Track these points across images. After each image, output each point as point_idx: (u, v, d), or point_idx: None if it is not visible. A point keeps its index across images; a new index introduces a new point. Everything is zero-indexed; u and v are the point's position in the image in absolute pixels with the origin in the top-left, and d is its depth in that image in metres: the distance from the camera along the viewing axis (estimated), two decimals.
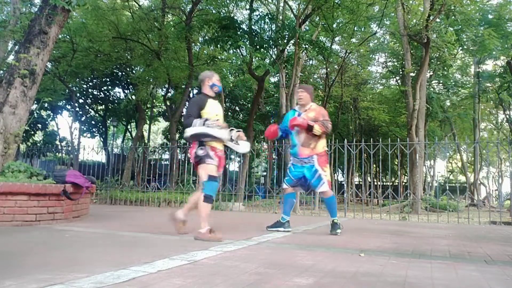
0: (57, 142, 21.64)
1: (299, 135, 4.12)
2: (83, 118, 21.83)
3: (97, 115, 23.46)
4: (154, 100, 21.87)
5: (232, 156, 20.20)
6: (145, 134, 24.27)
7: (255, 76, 14.92)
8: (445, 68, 17.88)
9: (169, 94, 18.62)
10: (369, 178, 22.90)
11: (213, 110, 3.58)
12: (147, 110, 21.10)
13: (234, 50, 14.18)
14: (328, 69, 19.46)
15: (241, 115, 23.62)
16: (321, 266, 2.27)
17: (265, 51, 12.35)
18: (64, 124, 69.08)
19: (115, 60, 16.36)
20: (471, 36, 15.45)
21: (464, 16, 13.53)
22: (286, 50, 14.26)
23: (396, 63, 21.00)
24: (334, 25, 15.24)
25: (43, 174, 4.93)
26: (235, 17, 14.35)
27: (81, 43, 15.06)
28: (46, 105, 18.54)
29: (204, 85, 3.70)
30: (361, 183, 23.89)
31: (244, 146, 3.74)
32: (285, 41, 12.95)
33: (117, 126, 24.31)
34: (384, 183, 27.87)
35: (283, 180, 4.41)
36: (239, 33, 11.93)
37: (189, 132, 3.48)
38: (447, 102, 21.32)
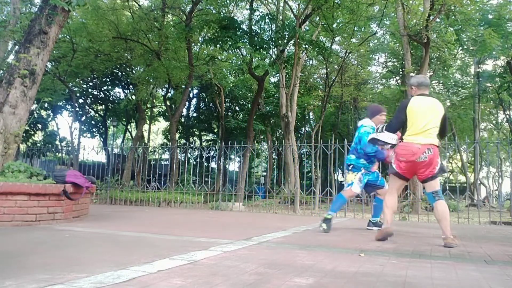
0: (57, 142, 21.66)
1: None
2: (83, 118, 21.84)
3: (97, 115, 23.47)
4: (154, 100, 21.88)
5: (232, 156, 20.20)
6: (145, 134, 24.27)
7: (255, 76, 14.94)
8: (445, 68, 17.85)
9: (169, 94, 18.63)
10: None
11: None
12: (147, 110, 21.10)
13: (234, 50, 14.19)
14: (328, 69, 19.46)
15: (241, 115, 23.63)
16: (321, 266, 2.27)
17: (265, 52, 12.35)
18: (64, 124, 69.19)
19: (115, 60, 16.37)
20: (471, 36, 15.44)
21: (464, 16, 13.51)
22: (286, 50, 14.26)
23: (396, 63, 20.98)
24: (334, 25, 15.24)
25: (43, 174, 4.92)
26: (235, 17, 14.35)
27: (81, 43, 15.06)
28: (46, 105, 18.56)
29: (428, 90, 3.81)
30: None
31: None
32: (285, 41, 12.95)
33: (117, 126, 24.33)
34: None
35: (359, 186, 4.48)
36: (239, 33, 11.93)
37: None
38: (447, 102, 21.31)
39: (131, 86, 19.71)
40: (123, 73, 19.57)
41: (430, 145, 3.43)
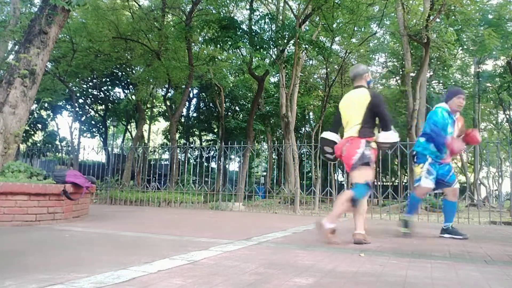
0: (57, 142, 21.67)
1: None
2: (83, 118, 21.85)
3: (97, 115, 23.48)
4: (154, 100, 21.89)
5: (232, 156, 20.20)
6: (145, 134, 24.28)
7: (255, 76, 14.94)
8: (445, 68, 17.88)
9: (169, 94, 18.64)
10: None
11: None
12: (147, 110, 21.12)
13: (234, 50, 14.20)
14: (328, 69, 19.47)
15: (241, 115, 23.64)
16: (321, 266, 2.27)
17: (265, 52, 12.35)
18: (64, 124, 69.24)
19: (115, 60, 16.38)
20: (471, 36, 15.45)
21: (464, 16, 13.53)
22: (286, 50, 14.26)
23: (396, 63, 21.01)
24: (334, 25, 15.24)
25: (43, 174, 4.92)
26: (235, 17, 14.35)
27: (81, 43, 15.08)
28: (46, 105, 18.58)
29: (362, 79, 3.48)
30: None
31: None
32: (285, 41, 12.95)
33: (117, 126, 24.34)
34: (384, 183, 27.85)
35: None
36: (239, 33, 11.93)
37: (390, 135, 3.32)
38: None
39: (131, 86, 19.72)
40: (123, 73, 19.59)
41: (348, 138, 3.38)
